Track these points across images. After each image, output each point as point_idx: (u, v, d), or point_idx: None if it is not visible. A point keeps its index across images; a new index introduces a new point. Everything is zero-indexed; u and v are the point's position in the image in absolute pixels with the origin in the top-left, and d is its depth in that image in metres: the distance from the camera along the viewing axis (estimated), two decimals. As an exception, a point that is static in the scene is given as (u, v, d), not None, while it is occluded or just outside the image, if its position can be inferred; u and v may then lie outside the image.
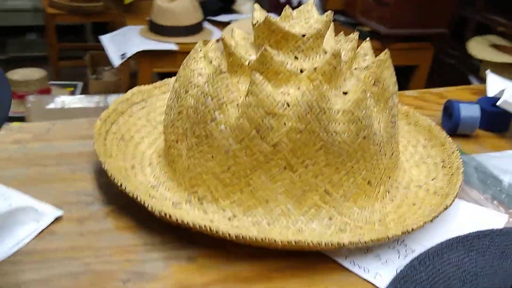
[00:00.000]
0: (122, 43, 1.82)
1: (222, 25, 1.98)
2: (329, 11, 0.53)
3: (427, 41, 2.01)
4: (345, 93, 0.51)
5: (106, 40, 1.89)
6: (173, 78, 0.69)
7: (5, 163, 0.56)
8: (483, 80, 1.97)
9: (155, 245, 0.46)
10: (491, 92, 0.77)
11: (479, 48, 1.91)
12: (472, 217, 0.52)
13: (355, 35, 0.54)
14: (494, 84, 0.79)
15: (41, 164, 0.56)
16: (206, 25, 1.96)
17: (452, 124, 0.68)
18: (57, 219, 0.47)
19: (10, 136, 0.61)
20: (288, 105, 0.46)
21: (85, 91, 2.54)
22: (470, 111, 0.67)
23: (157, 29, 1.83)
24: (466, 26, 2.04)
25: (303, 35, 0.51)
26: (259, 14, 0.54)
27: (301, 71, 0.49)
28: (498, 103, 0.68)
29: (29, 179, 0.53)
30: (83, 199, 0.51)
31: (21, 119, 1.45)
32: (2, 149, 0.58)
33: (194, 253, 0.45)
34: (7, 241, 0.44)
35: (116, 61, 1.74)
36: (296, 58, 0.51)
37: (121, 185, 0.48)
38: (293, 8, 0.55)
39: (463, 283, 0.44)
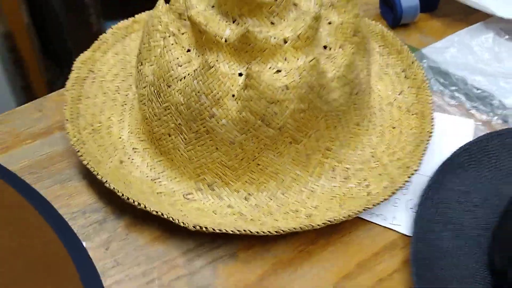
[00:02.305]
0: None
1: None
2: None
3: None
4: (325, 47, 0.50)
5: None
6: (110, 33, 0.62)
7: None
8: None
9: (192, 251, 0.47)
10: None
11: None
12: (444, 127, 0.57)
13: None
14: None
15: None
16: None
17: (395, 16, 0.69)
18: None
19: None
20: (288, 88, 0.45)
21: None
22: (409, 1, 0.68)
23: None
24: None
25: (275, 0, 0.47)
26: (220, -23, 0.48)
27: (285, 41, 0.47)
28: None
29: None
30: (94, 218, 0.49)
31: None
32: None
33: (232, 249, 0.47)
34: None
35: None
36: (272, 23, 0.48)
37: (136, 202, 0.47)
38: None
39: (459, 203, 0.51)
